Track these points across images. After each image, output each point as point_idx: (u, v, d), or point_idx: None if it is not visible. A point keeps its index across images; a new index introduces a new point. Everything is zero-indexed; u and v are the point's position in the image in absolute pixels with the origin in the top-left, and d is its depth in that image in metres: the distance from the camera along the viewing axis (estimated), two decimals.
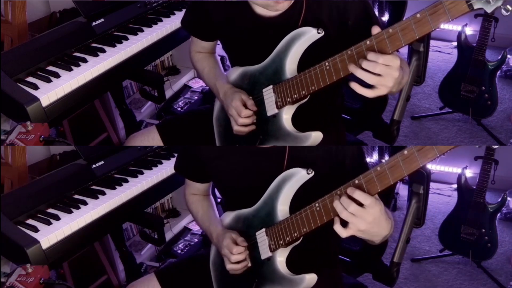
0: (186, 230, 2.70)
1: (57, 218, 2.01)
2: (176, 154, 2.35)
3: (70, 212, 2.04)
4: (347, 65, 1.45)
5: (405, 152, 1.34)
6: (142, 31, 2.28)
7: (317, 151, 1.62)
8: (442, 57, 3.51)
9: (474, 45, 2.90)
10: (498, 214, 2.78)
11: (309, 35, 1.57)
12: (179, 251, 2.59)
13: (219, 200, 2.32)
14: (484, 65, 2.91)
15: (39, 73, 2.05)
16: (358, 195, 1.38)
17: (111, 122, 2.48)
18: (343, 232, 1.41)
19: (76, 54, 2.15)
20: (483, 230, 2.76)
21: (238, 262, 1.62)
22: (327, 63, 1.50)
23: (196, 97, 2.66)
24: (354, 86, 1.44)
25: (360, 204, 1.38)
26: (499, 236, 2.80)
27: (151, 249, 2.61)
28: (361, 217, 1.38)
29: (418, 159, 1.33)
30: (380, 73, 1.39)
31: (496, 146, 2.50)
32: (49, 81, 2.02)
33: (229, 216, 1.72)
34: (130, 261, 2.48)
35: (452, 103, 3.06)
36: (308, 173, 1.53)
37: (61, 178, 2.17)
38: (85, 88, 2.07)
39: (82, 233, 2.03)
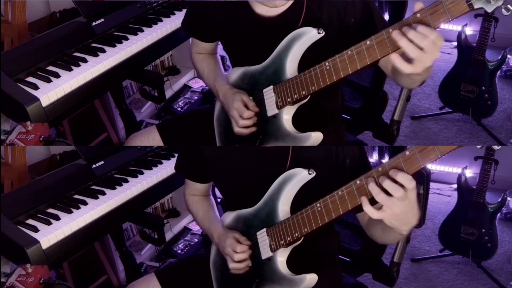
0: (186, 230, 2.70)
1: (57, 218, 2.01)
2: (176, 154, 2.35)
3: (70, 212, 2.04)
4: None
5: (407, 153, 1.33)
6: (142, 31, 2.28)
7: (318, 152, 1.62)
8: (442, 57, 3.51)
9: (474, 45, 2.90)
10: (498, 214, 2.78)
11: (310, 35, 1.57)
12: (179, 251, 2.59)
13: (219, 200, 2.32)
14: (484, 65, 2.91)
15: (39, 73, 2.05)
16: (401, 177, 1.31)
17: (111, 122, 2.48)
18: (374, 213, 1.34)
19: (76, 54, 2.15)
20: (483, 230, 2.76)
21: (240, 262, 1.62)
22: (327, 63, 1.50)
23: (196, 97, 2.66)
24: (396, 58, 1.35)
25: (388, 193, 1.32)
26: (499, 236, 2.80)
27: (151, 249, 2.61)
28: (401, 200, 1.31)
29: (419, 160, 1.32)
30: (424, 48, 1.32)
31: (497, 147, 2.49)
32: (49, 81, 2.02)
33: (229, 216, 1.72)
34: (130, 261, 2.48)
35: (452, 103, 3.06)
36: (309, 174, 1.53)
37: (61, 178, 2.17)
38: (85, 88, 2.07)
39: (82, 233, 2.03)
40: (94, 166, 2.23)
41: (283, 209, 1.57)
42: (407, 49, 1.34)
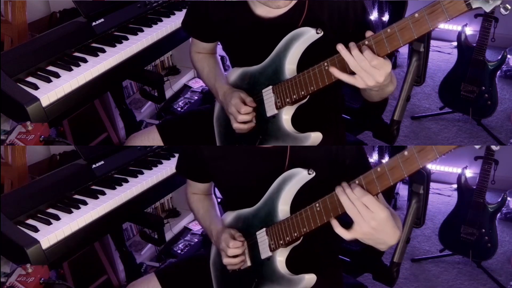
0: (186, 230, 2.70)
1: (57, 218, 2.01)
2: (176, 154, 2.36)
3: (70, 212, 2.04)
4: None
5: (405, 153, 1.33)
6: (142, 31, 2.28)
7: (317, 152, 1.62)
8: (442, 57, 3.51)
9: (474, 45, 2.90)
10: (498, 214, 2.78)
11: (308, 35, 1.57)
12: (179, 251, 2.59)
13: (219, 200, 2.32)
14: (484, 65, 2.91)
15: (39, 73, 2.05)
16: (367, 199, 1.37)
17: (111, 122, 2.48)
18: (346, 234, 1.40)
19: (76, 54, 2.15)
20: (483, 230, 2.76)
21: (234, 257, 1.63)
22: (326, 63, 1.50)
23: (196, 97, 2.66)
24: (333, 70, 1.47)
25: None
26: (499, 236, 2.80)
27: (151, 249, 2.61)
28: (366, 217, 1.37)
29: (418, 160, 1.32)
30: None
31: (497, 148, 2.49)
32: (49, 81, 2.02)
33: (229, 216, 1.72)
34: (130, 261, 2.48)
35: (452, 103, 3.06)
36: (309, 174, 1.53)
37: (61, 178, 2.17)
38: (85, 88, 2.07)
39: (82, 233, 2.03)
40: (94, 166, 2.23)
41: (283, 209, 1.57)
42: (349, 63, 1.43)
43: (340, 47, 1.44)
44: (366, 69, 1.42)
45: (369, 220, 1.36)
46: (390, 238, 1.41)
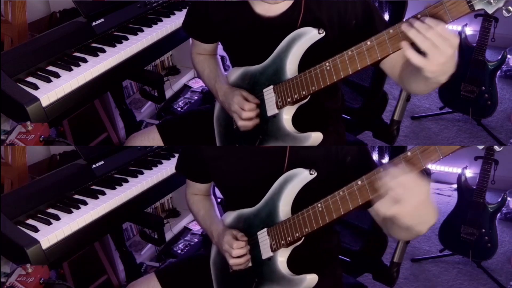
0: (186, 230, 2.70)
1: (57, 218, 2.01)
2: (176, 154, 2.36)
3: (70, 212, 2.04)
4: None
5: (408, 153, 1.33)
6: (142, 31, 2.28)
7: (318, 152, 1.62)
8: None
9: (474, 45, 2.90)
10: (498, 214, 2.78)
11: (310, 35, 1.57)
12: (179, 251, 2.59)
13: (219, 200, 2.32)
14: (484, 65, 2.91)
15: (39, 73, 2.05)
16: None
17: (111, 122, 2.48)
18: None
19: (76, 54, 2.15)
20: (483, 230, 2.76)
21: (239, 257, 1.62)
22: (327, 64, 1.50)
23: (196, 97, 2.65)
24: (408, 49, 1.34)
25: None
26: (499, 236, 2.80)
27: (151, 249, 2.60)
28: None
29: (421, 161, 1.32)
30: (432, 39, 1.30)
31: (499, 148, 2.49)
32: (49, 81, 2.02)
33: (230, 216, 1.72)
34: (130, 261, 2.48)
35: (452, 103, 3.06)
36: (311, 174, 1.53)
37: (61, 178, 2.17)
38: (85, 88, 2.07)
39: (82, 233, 2.03)
40: (94, 166, 2.23)
41: (284, 209, 1.57)
42: (416, 39, 1.32)
43: (404, 26, 1.34)
44: (435, 40, 1.30)
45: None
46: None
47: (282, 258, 1.58)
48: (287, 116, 1.64)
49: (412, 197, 1.25)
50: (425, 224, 1.36)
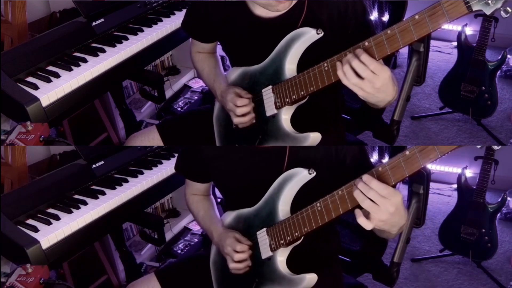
0: (186, 230, 2.70)
1: (57, 218, 2.01)
2: (176, 154, 2.35)
3: (70, 212, 2.04)
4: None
5: (407, 152, 1.34)
6: (142, 31, 2.28)
7: (317, 151, 1.62)
8: (442, 57, 3.51)
9: (474, 45, 2.90)
10: (498, 214, 2.78)
11: (309, 35, 1.57)
12: (179, 251, 2.59)
13: (219, 200, 2.32)
14: (484, 65, 2.91)
15: (39, 73, 2.05)
16: (375, 184, 1.34)
17: (111, 122, 2.48)
18: (368, 225, 1.36)
19: (76, 54, 2.15)
20: (483, 230, 2.76)
21: (240, 261, 1.63)
22: (325, 64, 1.50)
23: (196, 97, 2.66)
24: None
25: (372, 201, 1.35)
26: (499, 236, 2.80)
27: (151, 249, 2.61)
28: (383, 205, 1.33)
29: (419, 160, 1.32)
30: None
31: (497, 147, 2.49)
32: (49, 81, 2.02)
33: (229, 216, 1.72)
34: (130, 261, 2.48)
35: (452, 103, 3.06)
36: (310, 173, 1.53)
37: (61, 178, 2.17)
38: (85, 88, 2.07)
39: (82, 233, 2.03)
40: (94, 166, 2.23)
41: (283, 208, 1.57)
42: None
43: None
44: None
45: (387, 207, 1.34)
46: (402, 219, 1.40)
47: (281, 257, 1.58)
48: (286, 116, 1.64)
49: (379, 211, 1.34)
50: (396, 227, 1.42)
